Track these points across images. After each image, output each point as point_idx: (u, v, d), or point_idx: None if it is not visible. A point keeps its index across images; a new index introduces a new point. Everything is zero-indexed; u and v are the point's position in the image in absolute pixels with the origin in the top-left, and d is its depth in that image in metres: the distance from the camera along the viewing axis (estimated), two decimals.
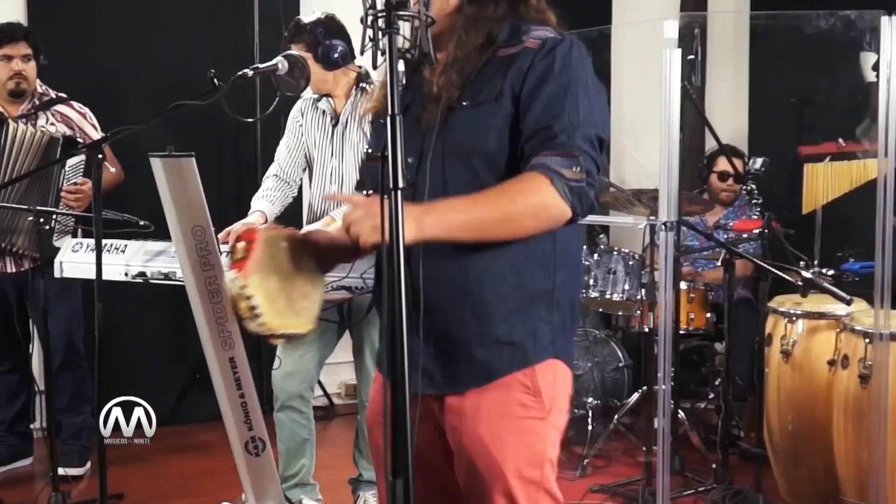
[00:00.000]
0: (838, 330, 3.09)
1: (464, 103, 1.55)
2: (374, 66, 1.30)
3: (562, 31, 1.62)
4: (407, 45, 1.28)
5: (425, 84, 1.61)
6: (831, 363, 3.08)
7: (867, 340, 2.88)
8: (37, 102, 3.58)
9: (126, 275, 2.65)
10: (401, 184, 1.20)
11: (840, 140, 3.78)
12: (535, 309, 1.61)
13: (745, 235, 3.90)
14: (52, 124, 3.57)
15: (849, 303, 2.95)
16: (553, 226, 1.54)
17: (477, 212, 1.49)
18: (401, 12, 1.24)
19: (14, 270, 3.57)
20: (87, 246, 2.73)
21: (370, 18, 1.27)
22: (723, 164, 4.31)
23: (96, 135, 3.63)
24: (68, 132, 3.57)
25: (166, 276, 2.60)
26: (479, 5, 1.61)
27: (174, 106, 2.47)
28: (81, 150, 2.84)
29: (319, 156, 3.12)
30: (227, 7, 4.45)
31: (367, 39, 1.30)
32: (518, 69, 1.55)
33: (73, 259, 2.75)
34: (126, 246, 2.70)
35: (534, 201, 1.50)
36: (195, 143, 4.00)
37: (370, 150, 1.24)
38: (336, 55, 2.95)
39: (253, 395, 2.60)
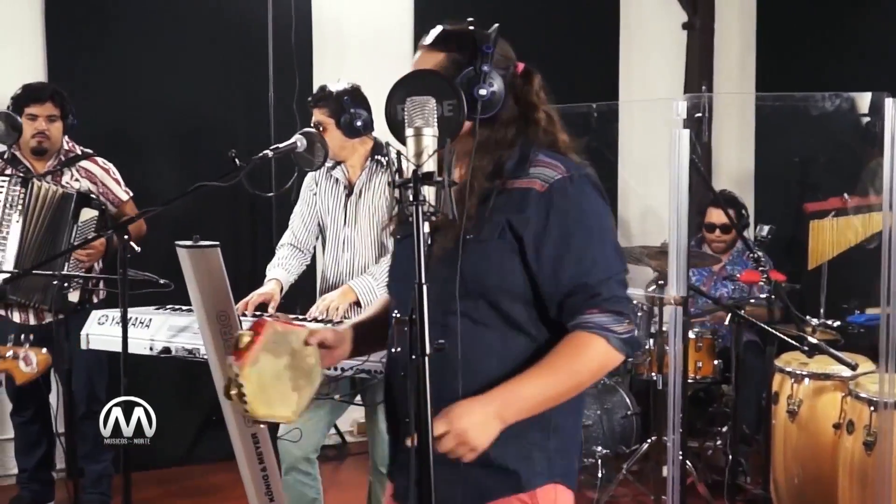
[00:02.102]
0: (844, 394, 3.15)
1: (468, 237, 1.59)
2: (400, 221, 1.38)
3: (570, 160, 1.66)
4: (431, 208, 1.35)
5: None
6: (836, 426, 3.14)
7: (872, 408, 2.94)
8: (62, 159, 3.67)
9: (151, 349, 2.73)
10: (428, 350, 1.27)
11: (845, 195, 3.84)
12: (530, 435, 1.64)
13: (754, 288, 3.95)
14: (77, 180, 3.66)
15: (854, 368, 3.02)
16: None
17: (550, 391, 1.58)
18: (427, 182, 1.31)
19: (36, 322, 3.66)
20: (113, 319, 2.80)
21: (397, 185, 1.34)
22: (712, 215, 4.31)
23: (119, 189, 3.74)
24: (92, 188, 3.67)
25: (190, 353, 2.67)
26: (490, 128, 1.65)
27: (196, 187, 2.54)
28: (109, 230, 2.93)
29: (332, 224, 3.19)
30: (241, 55, 4.53)
31: (393, 201, 1.37)
32: (524, 215, 1.59)
33: (100, 332, 2.83)
34: (151, 320, 2.77)
35: (596, 366, 1.60)
36: (211, 212, 4.18)
37: (398, 315, 1.30)
38: (359, 124, 3.02)
39: (274, 468, 2.70)
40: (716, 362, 4.07)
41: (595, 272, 1.59)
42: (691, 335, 3.93)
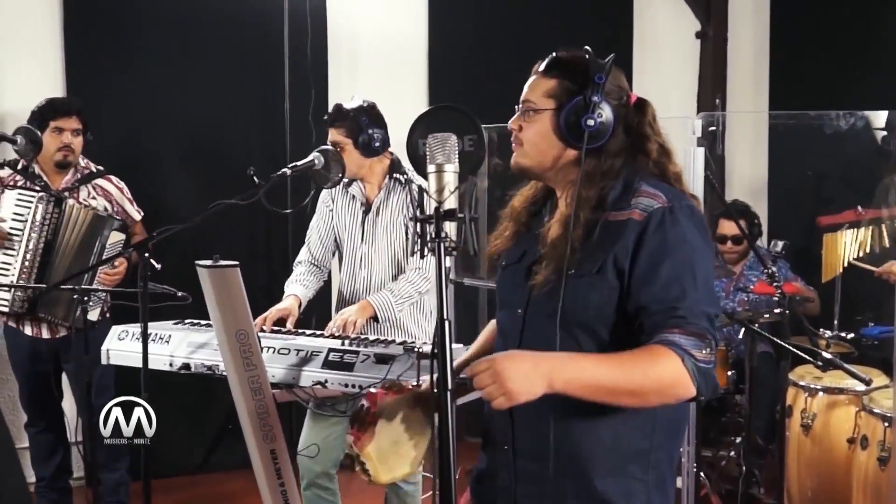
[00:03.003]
0: (857, 408, 3.16)
1: (570, 272, 1.58)
2: (422, 256, 1.40)
3: (673, 190, 1.64)
4: (453, 244, 1.37)
5: (541, 235, 1.66)
6: (851, 441, 3.15)
7: (886, 424, 2.95)
8: (79, 175, 3.71)
9: (171, 365, 2.76)
10: (450, 385, 1.30)
11: (859, 207, 3.84)
12: (630, 469, 1.63)
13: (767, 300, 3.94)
14: (94, 198, 3.70)
15: (868, 383, 3.02)
16: (675, 403, 1.56)
17: (607, 379, 1.50)
18: (449, 218, 1.34)
19: (49, 336, 3.70)
20: (133, 335, 2.83)
21: (419, 220, 1.37)
22: (724, 226, 4.30)
23: (132, 209, 3.79)
24: (108, 206, 3.71)
25: (209, 369, 2.70)
26: (597, 159, 1.64)
27: (215, 205, 2.57)
28: (129, 250, 2.97)
29: (349, 241, 3.20)
30: (257, 69, 4.56)
31: (415, 235, 1.39)
32: (623, 245, 1.57)
33: (120, 347, 2.85)
34: (170, 336, 2.80)
35: (664, 378, 1.50)
36: (226, 227, 4.21)
37: (416, 347, 1.33)
38: (377, 144, 3.03)
39: (292, 483, 2.73)
40: (729, 373, 4.07)
41: (684, 300, 1.53)
42: None
